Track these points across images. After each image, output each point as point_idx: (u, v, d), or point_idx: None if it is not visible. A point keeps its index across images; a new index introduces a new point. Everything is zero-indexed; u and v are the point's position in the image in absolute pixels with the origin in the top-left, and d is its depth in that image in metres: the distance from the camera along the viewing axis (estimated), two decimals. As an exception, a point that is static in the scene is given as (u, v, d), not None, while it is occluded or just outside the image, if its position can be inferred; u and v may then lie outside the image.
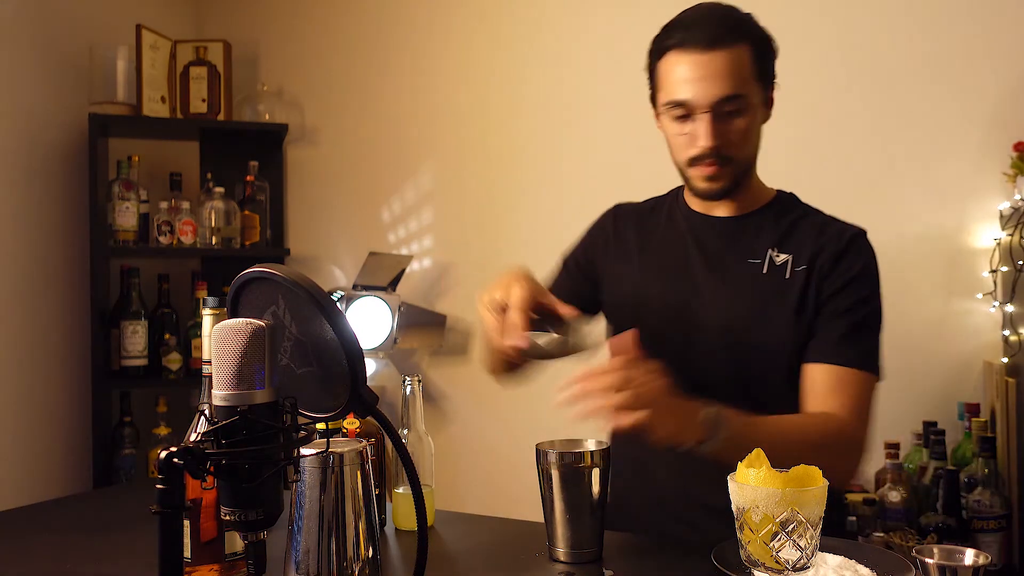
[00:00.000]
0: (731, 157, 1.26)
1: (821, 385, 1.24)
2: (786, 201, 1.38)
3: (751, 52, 1.23)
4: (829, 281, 1.27)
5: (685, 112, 1.24)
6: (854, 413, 1.21)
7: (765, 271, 1.29)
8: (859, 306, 1.26)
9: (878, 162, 2.14)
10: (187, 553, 0.97)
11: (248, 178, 2.77)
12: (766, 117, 1.32)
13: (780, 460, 0.96)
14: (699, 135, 1.23)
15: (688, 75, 1.22)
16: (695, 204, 1.39)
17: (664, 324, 1.32)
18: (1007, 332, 1.83)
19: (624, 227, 1.45)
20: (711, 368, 1.29)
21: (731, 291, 1.30)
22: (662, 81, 1.28)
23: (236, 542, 1.00)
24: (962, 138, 2.05)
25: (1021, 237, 1.74)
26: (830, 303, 1.26)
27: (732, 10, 1.26)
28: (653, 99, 1.33)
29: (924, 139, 2.10)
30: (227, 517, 0.77)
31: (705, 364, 1.29)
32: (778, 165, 2.26)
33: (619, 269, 1.42)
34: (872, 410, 1.25)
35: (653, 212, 1.46)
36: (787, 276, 1.28)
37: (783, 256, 1.29)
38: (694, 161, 1.27)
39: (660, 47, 1.27)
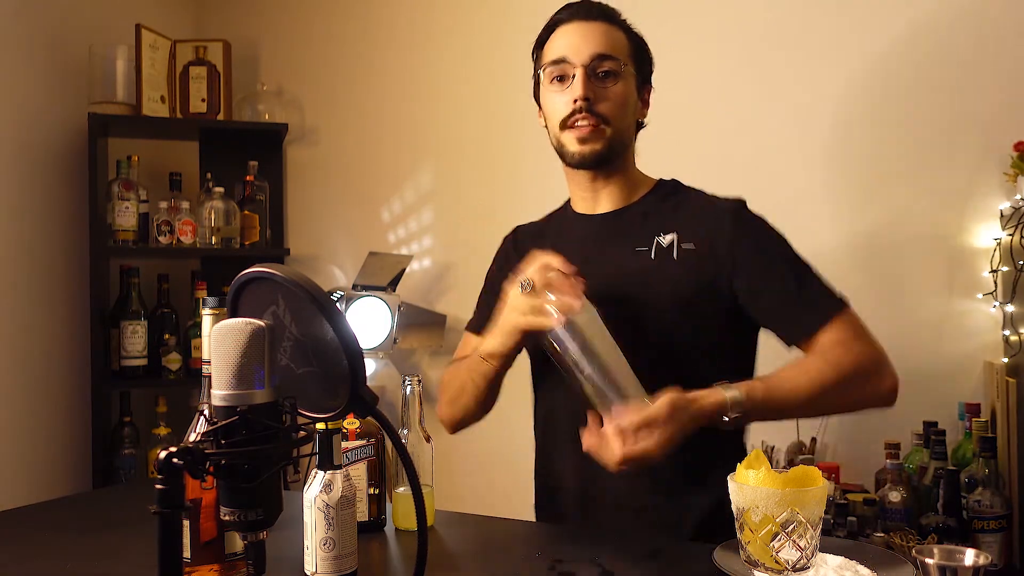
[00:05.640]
0: (606, 117, 1.29)
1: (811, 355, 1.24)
2: (667, 186, 1.39)
3: (626, 38, 1.34)
4: (741, 267, 1.25)
5: (562, 72, 1.31)
6: (852, 342, 1.20)
7: (653, 256, 1.29)
8: (784, 270, 1.26)
9: (878, 162, 2.14)
10: (187, 553, 0.97)
11: (248, 178, 2.77)
12: (641, 112, 1.37)
13: (815, 407, 1.18)
14: (574, 88, 1.28)
15: (567, 37, 1.32)
16: (580, 206, 1.41)
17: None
18: (1007, 332, 1.83)
19: (523, 247, 1.44)
20: None
21: (617, 281, 1.28)
22: (546, 52, 1.35)
23: (236, 542, 1.00)
24: (962, 138, 2.05)
25: (1021, 237, 1.74)
26: (758, 288, 1.25)
27: (614, 10, 1.37)
28: (536, 93, 1.39)
29: (924, 139, 2.09)
30: (227, 517, 0.77)
31: None
32: (779, 165, 2.27)
33: None
34: (867, 330, 1.24)
35: (548, 225, 1.48)
36: (675, 256, 1.27)
37: (668, 237, 1.29)
38: (568, 121, 1.30)
39: (548, 27, 1.37)
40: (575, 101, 1.28)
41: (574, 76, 1.29)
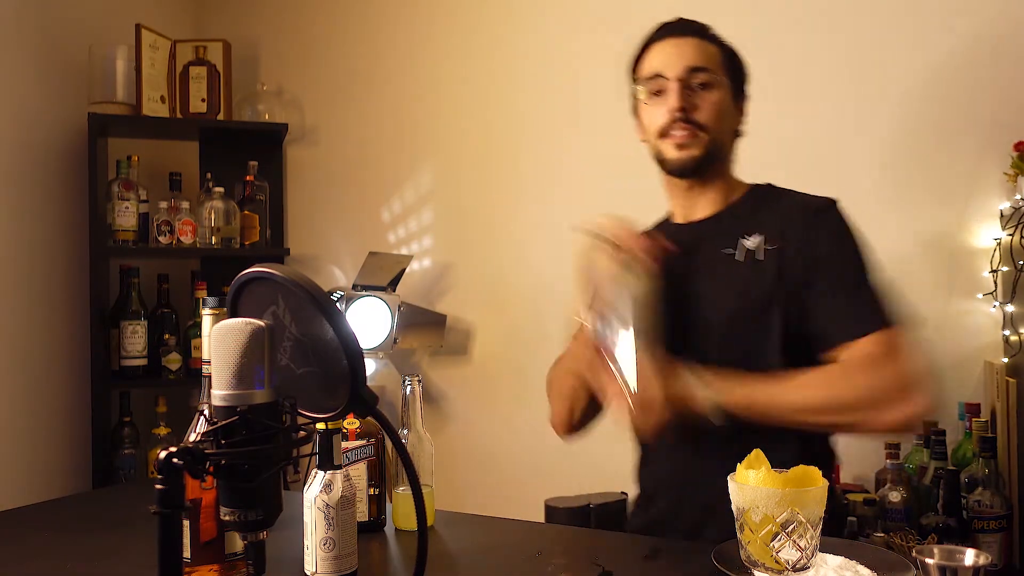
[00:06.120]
0: (702, 124, 1.33)
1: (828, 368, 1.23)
2: (761, 190, 1.42)
3: (719, 51, 1.38)
4: (806, 265, 1.27)
5: (658, 87, 1.35)
6: (878, 364, 1.18)
7: (739, 259, 1.31)
8: (842, 273, 1.26)
9: (878, 162, 2.14)
10: (187, 553, 0.97)
11: (248, 178, 2.77)
12: (738, 121, 1.41)
13: (818, 423, 1.18)
14: (669, 100, 1.33)
15: (661, 54, 1.37)
16: (678, 216, 1.45)
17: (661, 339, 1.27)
18: (1007, 332, 1.82)
19: None
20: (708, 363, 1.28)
21: (708, 283, 1.32)
22: (642, 69, 1.39)
23: (236, 542, 1.00)
24: (962, 138, 2.05)
25: (1021, 237, 1.73)
26: (815, 284, 1.26)
27: (706, 25, 1.42)
28: (635, 109, 1.43)
29: (924, 139, 2.09)
30: (227, 517, 0.77)
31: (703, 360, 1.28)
32: (776, 164, 2.26)
33: None
34: (906, 354, 1.20)
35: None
36: (760, 258, 1.29)
37: (753, 239, 1.31)
38: (665, 131, 1.34)
39: (643, 46, 1.41)
40: (671, 112, 1.32)
41: (669, 89, 1.33)
